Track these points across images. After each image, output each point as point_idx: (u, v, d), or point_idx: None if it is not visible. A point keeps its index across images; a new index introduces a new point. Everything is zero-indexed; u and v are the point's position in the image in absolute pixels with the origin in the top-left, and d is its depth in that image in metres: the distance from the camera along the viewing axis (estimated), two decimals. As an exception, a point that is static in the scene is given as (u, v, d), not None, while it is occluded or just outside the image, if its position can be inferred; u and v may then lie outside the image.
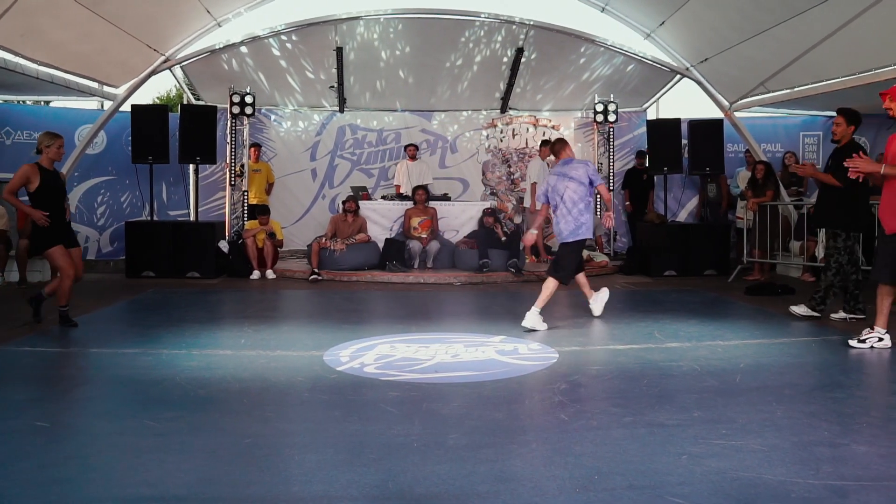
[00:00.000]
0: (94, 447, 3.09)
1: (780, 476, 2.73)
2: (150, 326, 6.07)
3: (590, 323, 6.31)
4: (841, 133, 6.05)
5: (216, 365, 4.63)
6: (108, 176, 10.69)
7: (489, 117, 12.33)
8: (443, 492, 2.61)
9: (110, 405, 3.83)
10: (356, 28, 10.52)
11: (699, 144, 10.43)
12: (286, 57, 10.86)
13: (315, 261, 9.49)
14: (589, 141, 12.20)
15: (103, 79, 9.44)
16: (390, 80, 11.59)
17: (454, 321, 6.68)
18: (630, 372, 4.54)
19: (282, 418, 3.55)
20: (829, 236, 6.21)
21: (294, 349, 5.16)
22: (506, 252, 9.70)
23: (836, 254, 6.05)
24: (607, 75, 11.42)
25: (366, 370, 4.54)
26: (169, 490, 2.63)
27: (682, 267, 9.94)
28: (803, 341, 5.45)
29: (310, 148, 12.00)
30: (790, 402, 3.79)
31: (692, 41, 9.93)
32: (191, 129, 9.98)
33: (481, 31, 10.65)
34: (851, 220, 6.02)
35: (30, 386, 4.22)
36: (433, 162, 12.17)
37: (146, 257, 9.48)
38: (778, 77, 8.94)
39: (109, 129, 10.45)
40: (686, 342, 5.39)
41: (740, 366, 4.59)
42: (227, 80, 10.85)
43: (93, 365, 4.69)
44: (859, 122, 6.05)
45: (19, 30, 7.24)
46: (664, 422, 3.44)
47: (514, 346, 5.29)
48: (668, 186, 11.20)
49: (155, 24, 9.00)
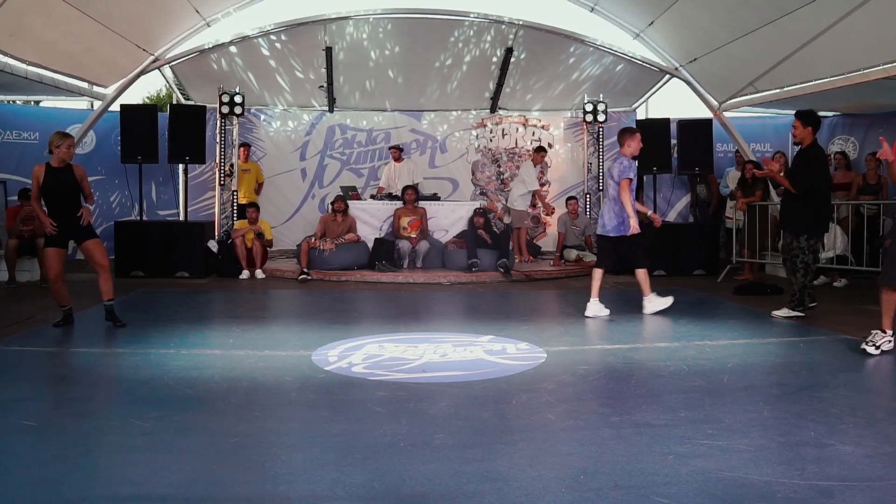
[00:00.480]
0: (80, 446, 3.07)
1: (766, 476, 2.74)
2: (138, 326, 6.03)
3: (579, 323, 6.32)
4: (800, 135, 6.19)
5: (204, 364, 4.61)
6: (98, 176, 10.61)
7: (479, 117, 12.34)
8: (429, 491, 2.61)
9: (97, 405, 3.81)
10: (345, 28, 10.51)
11: (688, 144, 10.48)
12: (275, 57, 10.84)
13: (304, 260, 9.48)
14: (579, 141, 12.23)
15: (92, 78, 9.41)
16: (380, 80, 11.59)
17: (443, 321, 6.68)
18: (618, 372, 4.55)
19: (269, 418, 3.54)
20: (792, 237, 6.33)
21: (282, 349, 5.15)
22: (495, 252, 9.71)
23: (802, 254, 6.23)
24: (597, 75, 11.44)
25: (354, 370, 4.53)
26: (154, 489, 2.62)
27: (671, 267, 9.98)
28: (791, 341, 5.47)
29: (299, 148, 11.98)
30: (777, 402, 3.81)
31: (681, 41, 9.97)
32: (180, 129, 9.95)
33: (470, 31, 10.66)
34: (815, 223, 6.20)
35: (17, 385, 4.18)
36: (423, 162, 12.18)
37: (135, 257, 9.44)
38: (767, 77, 8.99)
39: (99, 129, 10.42)
40: (674, 342, 5.41)
41: (728, 366, 4.61)
42: (216, 79, 10.82)
43: (81, 364, 4.66)
44: (817, 124, 6.19)
45: (8, 29, 7.21)
46: (651, 422, 3.45)
47: (502, 345, 5.29)
48: (658, 186, 11.23)
49: (144, 23, 8.97)
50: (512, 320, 6.40)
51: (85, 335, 5.65)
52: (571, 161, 12.33)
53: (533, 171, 10.86)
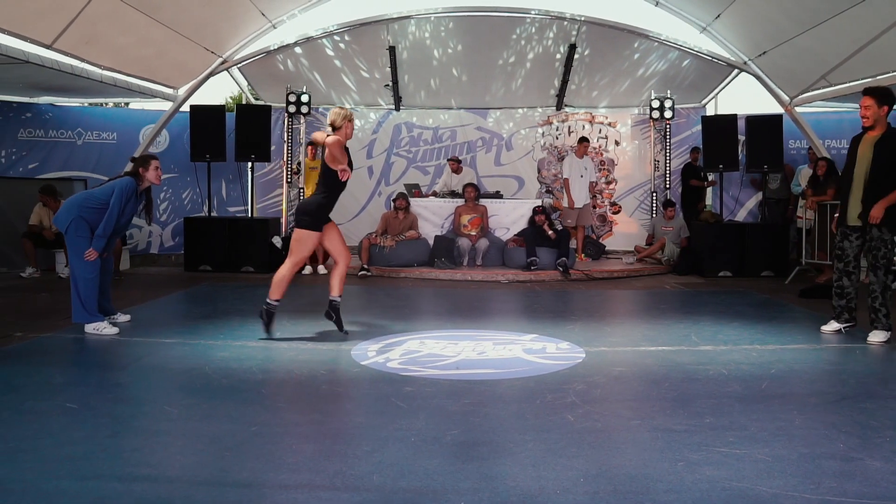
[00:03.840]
0: (109, 429, 3.24)
1: (776, 489, 2.62)
2: (194, 318, 6.30)
3: (628, 323, 6.21)
4: (873, 116, 5.34)
5: (246, 356, 4.77)
6: (171, 174, 11.11)
7: (545, 114, 12.24)
8: (424, 486, 2.64)
9: (135, 391, 4.01)
10: (407, 27, 10.64)
11: (757, 141, 10.07)
12: (340, 56, 11.06)
13: (365, 257, 9.64)
14: (646, 138, 11.95)
15: (164, 81, 9.84)
16: (444, 78, 11.65)
17: (491, 319, 6.67)
18: (653, 374, 4.45)
19: (292, 409, 3.64)
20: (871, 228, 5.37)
21: (325, 343, 5.26)
22: (555, 251, 9.63)
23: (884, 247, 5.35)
24: (663, 71, 11.17)
25: (389, 365, 4.60)
26: (164, 472, 2.75)
27: (737, 268, 9.64)
28: (846, 348, 5.19)
29: (366, 146, 12.16)
30: (812, 412, 3.63)
31: (749, 34, 9.61)
32: (246, 129, 10.28)
33: (532, 28, 10.60)
34: None
35: (69, 371, 4.48)
36: (488, 159, 12.19)
37: (203, 252, 9.83)
38: (840, 69, 8.54)
39: (171, 129, 10.91)
40: (721, 345, 5.23)
41: (771, 371, 4.43)
42: (284, 80, 11.13)
43: (130, 353, 4.89)
44: (893, 102, 5.35)
45: (84, 37, 7.65)
46: (672, 427, 3.36)
47: (542, 345, 5.25)
48: (725, 185, 10.86)
49: (211, 27, 9.34)
50: (561, 319, 6.33)
51: (140, 326, 5.88)
52: (639, 158, 12.07)
53: (569, 163, 10.75)
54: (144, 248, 11.20)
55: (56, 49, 7.58)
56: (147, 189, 5.85)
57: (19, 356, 4.71)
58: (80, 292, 5.39)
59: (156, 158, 5.89)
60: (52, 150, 10.79)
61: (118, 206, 5.51)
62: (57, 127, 10.88)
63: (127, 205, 5.60)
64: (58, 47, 7.56)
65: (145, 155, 6.08)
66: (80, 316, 5.42)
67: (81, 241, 5.43)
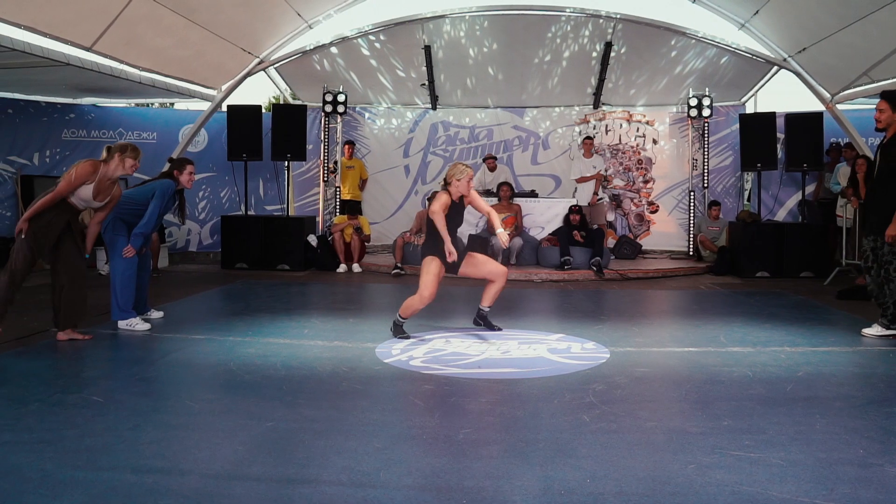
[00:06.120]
0: (130, 422, 3.34)
1: (787, 494, 2.57)
2: (226, 315, 6.42)
3: (657, 323, 6.13)
4: (886, 120, 5.23)
5: (272, 353, 4.85)
6: (209, 172, 11.34)
7: (581, 113, 12.13)
8: (429, 484, 2.66)
9: (160, 385, 4.12)
10: (442, 26, 10.66)
11: (797, 139, 9.83)
12: (376, 56, 11.14)
13: (399, 255, 9.69)
14: (685, 136, 11.76)
15: (201, 81, 10.04)
16: (480, 77, 11.63)
17: (520, 318, 6.62)
18: (676, 375, 4.40)
19: (310, 405, 3.69)
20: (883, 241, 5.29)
21: (351, 340, 5.32)
22: (589, 250, 9.56)
23: None
24: (701, 68, 10.97)
25: (411, 363, 4.63)
26: (178, 464, 2.83)
27: (775, 268, 9.44)
28: (881, 351, 5.04)
29: (403, 145, 12.22)
30: (835, 416, 3.54)
31: (789, 30, 9.38)
32: (282, 128, 10.43)
33: (567, 27, 10.53)
34: None
35: (99, 365, 4.61)
36: (525, 158, 12.15)
37: (240, 250, 10.02)
38: (883, 65, 8.27)
39: (210, 129, 11.12)
40: (750, 347, 5.14)
41: (798, 374, 4.34)
42: (321, 79, 11.24)
43: (160, 349, 5.01)
44: None
45: (123, 39, 7.85)
46: (688, 429, 3.32)
47: (568, 344, 5.23)
48: (764, 184, 10.63)
49: (248, 28, 9.49)
50: (590, 319, 6.29)
51: (173, 322, 6.02)
52: (677, 157, 11.88)
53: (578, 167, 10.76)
54: (183, 246, 11.44)
55: (96, 51, 7.80)
56: (180, 190, 6.01)
57: (53, 350, 4.88)
58: (117, 290, 5.56)
59: (192, 163, 6.06)
60: (95, 149, 11.04)
61: (159, 206, 5.70)
62: (99, 127, 11.19)
63: (166, 205, 5.80)
64: (97, 49, 7.78)
65: (182, 158, 6.25)
66: (117, 314, 5.60)
67: (120, 240, 5.61)
